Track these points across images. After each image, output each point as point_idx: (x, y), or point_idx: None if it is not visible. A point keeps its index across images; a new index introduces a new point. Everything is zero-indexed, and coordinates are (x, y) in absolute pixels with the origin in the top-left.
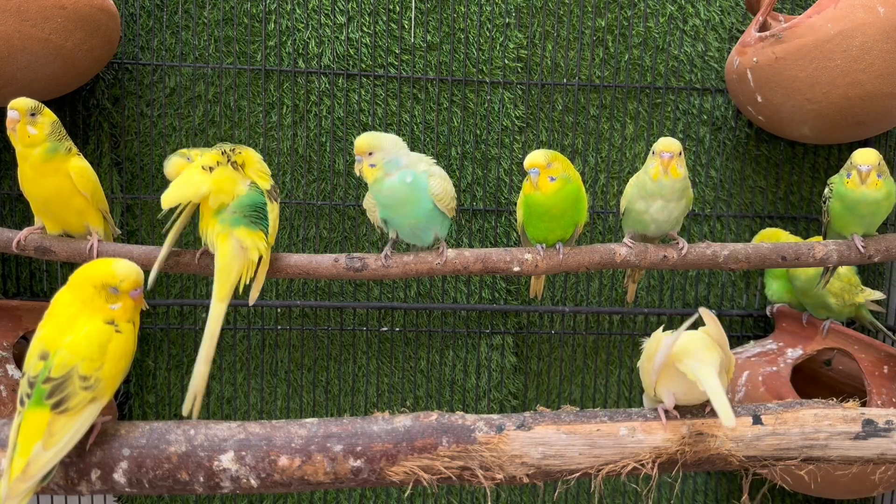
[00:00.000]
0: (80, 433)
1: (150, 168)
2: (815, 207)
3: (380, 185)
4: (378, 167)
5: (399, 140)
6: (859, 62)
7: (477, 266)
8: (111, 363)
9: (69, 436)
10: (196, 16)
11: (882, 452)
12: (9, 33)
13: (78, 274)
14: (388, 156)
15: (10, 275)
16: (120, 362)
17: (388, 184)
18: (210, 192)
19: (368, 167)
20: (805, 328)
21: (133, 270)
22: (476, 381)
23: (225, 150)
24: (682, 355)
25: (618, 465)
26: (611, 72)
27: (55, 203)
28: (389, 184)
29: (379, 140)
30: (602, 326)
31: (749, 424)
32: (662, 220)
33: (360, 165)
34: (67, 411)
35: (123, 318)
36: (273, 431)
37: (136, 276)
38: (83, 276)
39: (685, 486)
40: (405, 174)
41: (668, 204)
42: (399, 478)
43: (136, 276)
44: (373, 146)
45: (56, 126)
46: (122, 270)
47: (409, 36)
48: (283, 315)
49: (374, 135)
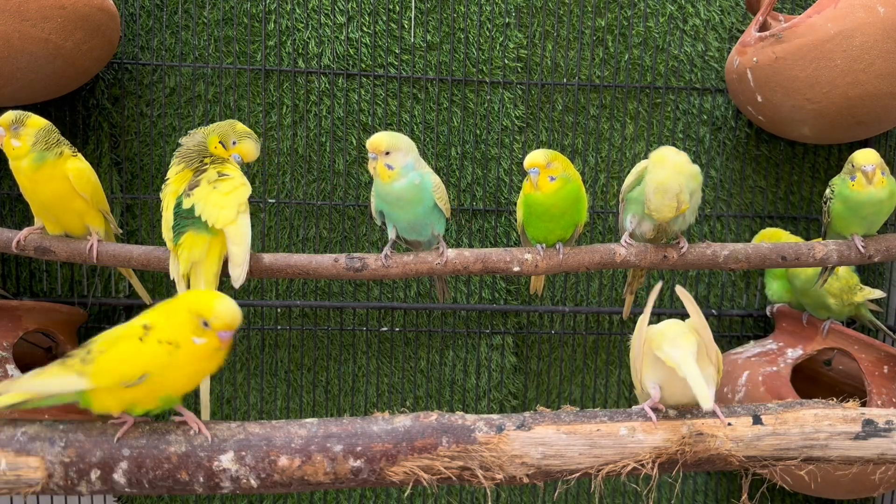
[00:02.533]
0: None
1: (150, 168)
2: (815, 207)
3: (390, 186)
4: (396, 170)
5: (412, 142)
6: (859, 62)
7: (477, 266)
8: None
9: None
10: (196, 16)
11: (882, 452)
12: (9, 33)
13: (185, 295)
14: (405, 158)
15: (10, 275)
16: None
17: (398, 186)
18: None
19: (384, 167)
20: (805, 328)
21: (230, 312)
22: (476, 381)
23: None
24: (660, 342)
25: (618, 465)
26: (611, 72)
27: (54, 206)
28: (400, 186)
29: (397, 141)
30: (602, 326)
31: (749, 424)
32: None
33: (376, 164)
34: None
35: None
36: (273, 431)
37: (230, 318)
38: (183, 300)
39: (685, 486)
40: (415, 176)
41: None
42: (399, 478)
43: (233, 317)
44: (391, 146)
45: (43, 133)
46: (220, 307)
47: (409, 36)
48: (283, 315)
49: (392, 135)
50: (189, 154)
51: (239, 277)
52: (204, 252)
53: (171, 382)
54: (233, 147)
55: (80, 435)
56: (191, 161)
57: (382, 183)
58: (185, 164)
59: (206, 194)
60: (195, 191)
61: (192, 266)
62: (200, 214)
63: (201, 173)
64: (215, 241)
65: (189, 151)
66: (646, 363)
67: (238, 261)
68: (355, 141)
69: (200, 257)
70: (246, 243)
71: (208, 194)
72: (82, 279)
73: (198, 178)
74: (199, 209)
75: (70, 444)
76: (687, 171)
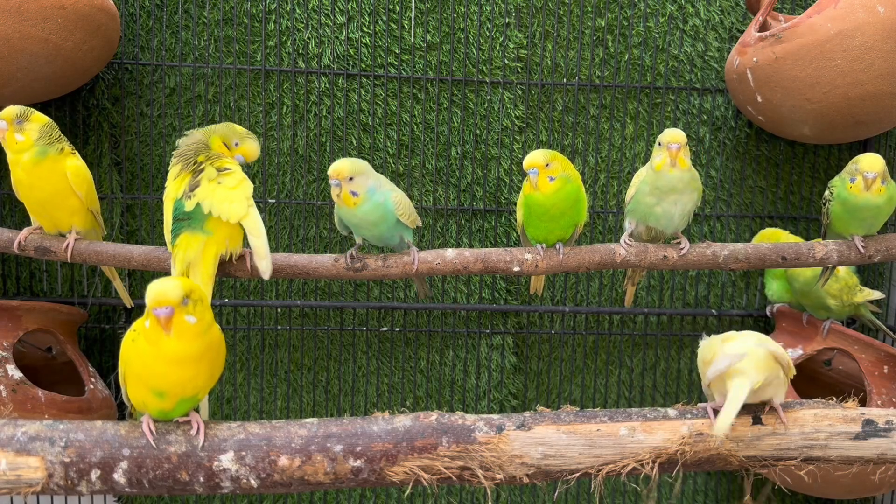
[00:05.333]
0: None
1: (150, 168)
2: (815, 207)
3: (355, 211)
4: (361, 195)
5: (369, 165)
6: (859, 62)
7: (477, 266)
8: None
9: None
10: (196, 16)
11: (882, 452)
12: (9, 33)
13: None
14: (367, 182)
15: (10, 275)
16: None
17: (362, 210)
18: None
19: (349, 194)
20: (805, 328)
21: (156, 289)
22: (476, 381)
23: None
24: (734, 374)
25: (618, 465)
26: (611, 72)
27: (48, 202)
28: (364, 210)
29: (359, 166)
30: (602, 326)
31: (749, 424)
32: (675, 214)
33: (340, 190)
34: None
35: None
36: (273, 431)
37: (156, 295)
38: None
39: (685, 486)
40: (378, 196)
41: (682, 197)
42: (399, 478)
43: (157, 294)
44: (354, 171)
45: (46, 129)
46: (151, 287)
47: (408, 36)
48: (283, 315)
49: (353, 161)
50: (186, 154)
51: (267, 268)
52: (199, 253)
53: (148, 373)
54: (235, 148)
55: (80, 435)
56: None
57: (348, 209)
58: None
59: (211, 191)
60: (197, 191)
61: (189, 267)
62: (210, 211)
63: (200, 173)
64: (211, 242)
65: (187, 150)
66: (716, 380)
67: (262, 252)
68: (355, 141)
69: (196, 258)
70: (264, 234)
71: (214, 190)
72: (82, 279)
73: (197, 178)
74: (208, 206)
75: (70, 444)
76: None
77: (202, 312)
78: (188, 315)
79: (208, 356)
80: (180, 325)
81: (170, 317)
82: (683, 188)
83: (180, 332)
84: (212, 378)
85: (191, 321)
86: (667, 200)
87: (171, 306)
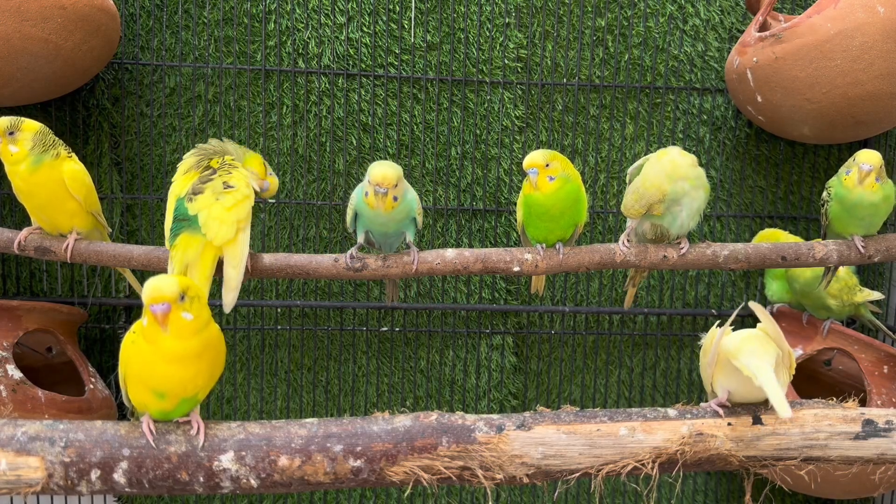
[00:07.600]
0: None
1: (150, 168)
2: (815, 207)
3: (391, 212)
4: (399, 199)
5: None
6: (859, 62)
7: (477, 266)
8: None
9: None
10: (196, 16)
11: (882, 452)
12: (9, 33)
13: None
14: (404, 185)
15: (10, 275)
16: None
17: (395, 212)
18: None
19: (392, 199)
20: (805, 328)
21: (153, 286)
22: (476, 381)
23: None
24: (738, 352)
25: (618, 465)
26: (611, 72)
27: (48, 207)
28: (396, 211)
29: (400, 171)
30: (602, 326)
31: (749, 424)
32: (683, 214)
33: (385, 197)
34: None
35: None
36: (273, 431)
37: (153, 291)
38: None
39: (685, 486)
40: (408, 195)
41: (692, 193)
42: (399, 478)
43: (153, 290)
44: (399, 178)
45: (39, 136)
46: (148, 284)
47: (408, 36)
48: (283, 315)
49: (396, 167)
50: (207, 151)
51: (230, 302)
52: (198, 254)
53: (148, 374)
54: (269, 176)
55: (80, 435)
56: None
57: (383, 212)
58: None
59: (208, 204)
60: (198, 197)
61: (187, 267)
62: (202, 225)
63: (208, 181)
64: (210, 244)
65: (207, 149)
66: (720, 370)
67: (232, 285)
68: (355, 141)
69: (194, 259)
70: (242, 266)
71: (211, 205)
72: (82, 279)
73: (203, 184)
74: (202, 220)
75: (70, 444)
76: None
77: (199, 310)
78: (185, 312)
79: (207, 355)
80: (177, 322)
81: (166, 313)
82: (685, 188)
83: (178, 328)
84: (212, 378)
85: (188, 318)
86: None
87: (168, 302)
